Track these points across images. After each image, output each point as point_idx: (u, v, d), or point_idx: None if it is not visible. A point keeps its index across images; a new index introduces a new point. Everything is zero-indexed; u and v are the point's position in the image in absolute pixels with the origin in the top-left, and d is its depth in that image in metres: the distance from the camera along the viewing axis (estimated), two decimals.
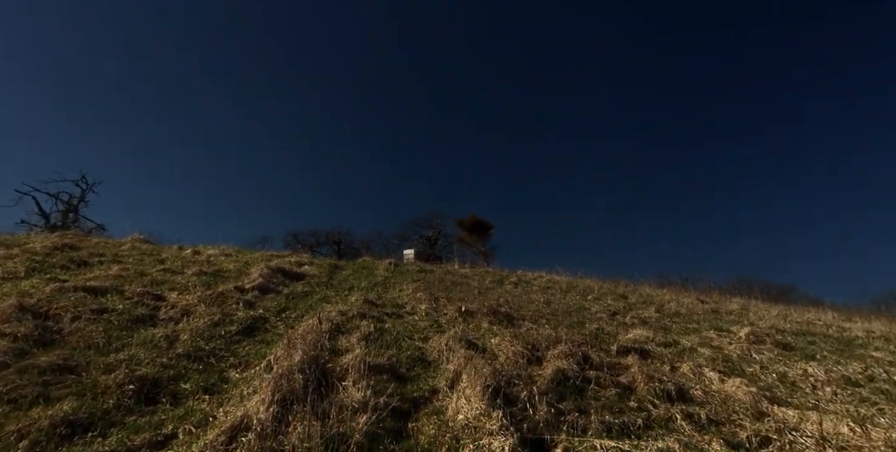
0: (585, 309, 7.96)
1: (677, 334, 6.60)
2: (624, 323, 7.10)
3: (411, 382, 3.98)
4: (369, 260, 11.06)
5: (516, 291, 8.97)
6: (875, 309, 12.83)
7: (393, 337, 4.99)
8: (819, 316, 10.07)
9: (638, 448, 3.04)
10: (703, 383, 4.56)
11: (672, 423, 3.56)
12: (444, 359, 4.43)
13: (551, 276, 11.82)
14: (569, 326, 6.31)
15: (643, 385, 4.24)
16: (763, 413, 3.87)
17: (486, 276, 10.62)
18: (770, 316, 8.86)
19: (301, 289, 7.03)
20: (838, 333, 8.12)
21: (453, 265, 12.87)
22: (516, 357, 4.71)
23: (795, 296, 18.24)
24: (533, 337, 5.31)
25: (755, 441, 3.30)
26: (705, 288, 12.72)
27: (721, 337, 6.64)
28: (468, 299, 7.13)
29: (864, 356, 6.32)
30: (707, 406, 3.96)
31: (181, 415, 3.19)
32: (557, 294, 9.27)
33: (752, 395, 4.19)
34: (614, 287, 11.16)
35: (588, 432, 3.26)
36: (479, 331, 5.56)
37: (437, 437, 3.02)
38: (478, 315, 6.24)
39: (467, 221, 20.70)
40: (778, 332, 7.28)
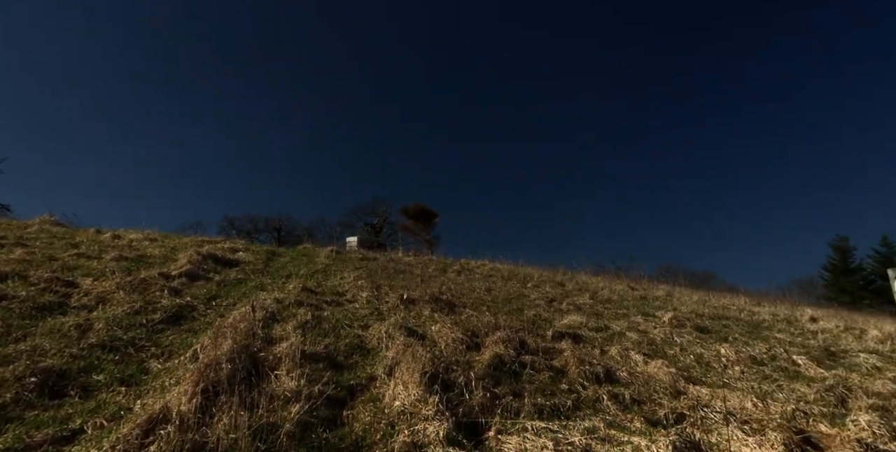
0: (525, 296, 8.18)
1: (608, 319, 6.94)
2: (560, 309, 7.36)
3: (349, 370, 3.92)
4: (310, 248, 10.73)
5: (459, 279, 9.06)
6: (781, 295, 14.21)
7: (332, 326, 4.88)
8: (733, 302, 10.99)
9: (566, 428, 3.16)
10: (629, 365, 4.83)
11: (599, 403, 3.74)
12: (384, 347, 4.39)
13: (494, 265, 12.05)
14: (508, 313, 6.46)
15: (574, 369, 4.42)
16: (680, 391, 4.16)
17: (429, 264, 10.64)
18: (691, 302, 9.54)
19: (234, 277, 6.70)
20: (749, 317, 8.90)
21: (397, 253, 12.78)
22: (456, 343, 4.76)
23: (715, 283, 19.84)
24: (473, 324, 5.38)
25: (672, 417, 3.54)
26: (636, 276, 13.48)
27: (647, 321, 7.06)
28: (411, 287, 7.10)
29: (768, 337, 6.97)
30: (631, 386, 4.20)
31: (91, 409, 2.95)
32: (499, 281, 9.46)
33: (672, 375, 4.49)
34: (553, 275, 11.55)
35: (521, 414, 3.35)
36: (421, 319, 5.56)
37: (373, 424, 2.99)
38: (420, 302, 6.23)
39: (412, 209, 20.60)
40: (697, 317, 7.86)
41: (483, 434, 3.02)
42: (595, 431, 3.17)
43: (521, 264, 12.74)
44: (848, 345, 7.17)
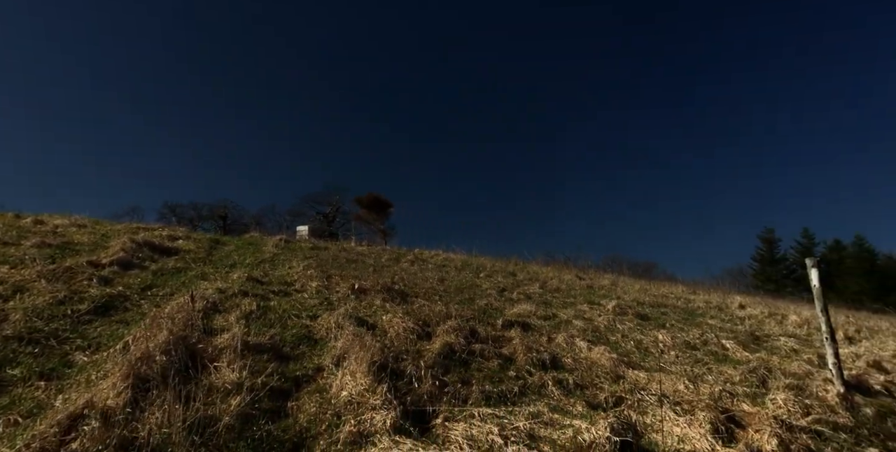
0: (477, 286, 8.27)
1: (556, 308, 7.14)
2: (511, 298, 7.50)
3: (295, 361, 3.82)
4: (257, 236, 10.33)
5: (412, 269, 9.03)
6: (714, 284, 15.19)
7: (278, 316, 4.73)
8: (672, 290, 11.62)
9: (512, 413, 3.23)
10: (574, 352, 5.00)
11: (544, 389, 3.85)
12: (333, 337, 4.31)
13: (448, 255, 12.09)
14: (460, 302, 6.51)
15: (522, 356, 4.52)
16: (620, 376, 4.35)
17: (382, 254, 10.53)
18: (633, 291, 10.00)
19: (173, 265, 6.34)
20: (685, 304, 9.45)
21: (350, 242, 12.57)
22: (407, 333, 4.74)
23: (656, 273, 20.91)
24: (425, 314, 5.38)
25: (611, 400, 3.70)
26: (584, 266, 13.97)
27: (593, 309, 7.33)
28: (362, 277, 7.00)
29: (702, 323, 7.43)
30: (575, 372, 4.35)
31: (5, 405, 2.71)
32: (452, 271, 9.51)
33: (613, 361, 4.69)
34: (505, 265, 11.75)
35: (469, 401, 3.39)
36: (372, 309, 5.50)
37: (318, 415, 2.93)
38: (371, 292, 6.16)
39: (366, 198, 20.25)
40: (639, 305, 8.25)
41: (430, 421, 3.04)
42: (539, 416, 3.26)
43: (475, 254, 12.87)
44: (771, 330, 7.77)
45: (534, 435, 2.93)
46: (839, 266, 32.36)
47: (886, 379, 5.22)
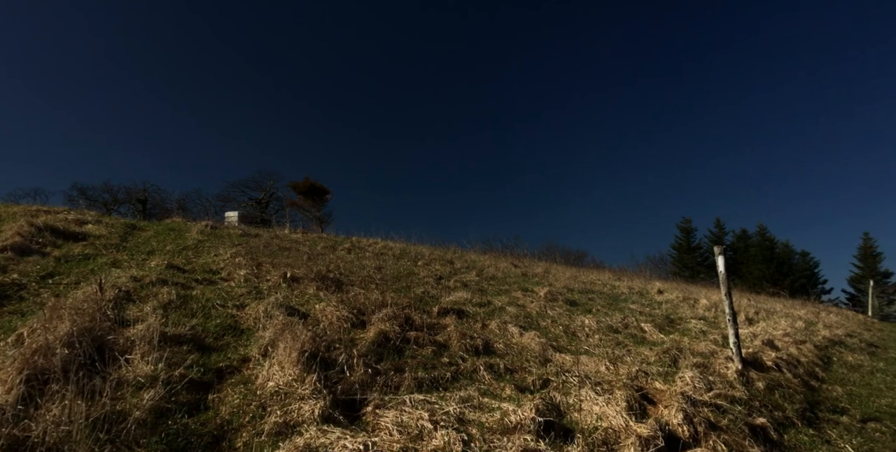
0: (415, 274, 8.28)
1: (492, 295, 7.32)
2: (448, 286, 7.58)
3: (218, 352, 3.63)
4: (180, 222, 9.67)
5: (349, 257, 8.87)
6: (637, 270, 16.28)
7: (201, 305, 4.46)
8: (599, 277, 12.30)
9: (444, 399, 3.28)
10: (506, 337, 5.15)
11: (476, 374, 3.94)
12: (261, 327, 4.14)
13: (386, 243, 12.00)
14: (397, 291, 6.48)
15: (456, 343, 4.59)
16: (548, 359, 4.55)
17: (318, 242, 10.25)
18: (565, 278, 10.47)
19: (80, 252, 5.78)
20: (610, 290, 10.04)
21: (283, 229, 12.10)
22: (341, 321, 4.66)
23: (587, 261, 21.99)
24: (360, 302, 5.31)
25: (539, 383, 3.86)
26: (519, 254, 14.41)
27: (526, 296, 7.59)
28: (296, 265, 6.77)
29: (624, 308, 7.93)
30: (507, 357, 4.49)
31: None
32: (390, 260, 9.45)
33: (542, 345, 4.89)
34: (444, 253, 11.85)
35: (401, 388, 3.40)
36: (305, 297, 5.35)
37: (242, 406, 2.81)
38: (304, 281, 5.98)
39: (302, 184, 19.48)
40: (569, 291, 8.65)
41: (361, 410, 3.01)
42: (470, 400, 3.33)
43: (414, 242, 12.87)
44: (684, 313, 8.44)
45: (463, 419, 2.99)
46: (745, 253, 35.78)
47: (777, 356, 5.86)
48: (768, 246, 35.50)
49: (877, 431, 4.28)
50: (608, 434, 3.02)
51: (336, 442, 2.42)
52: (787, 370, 5.48)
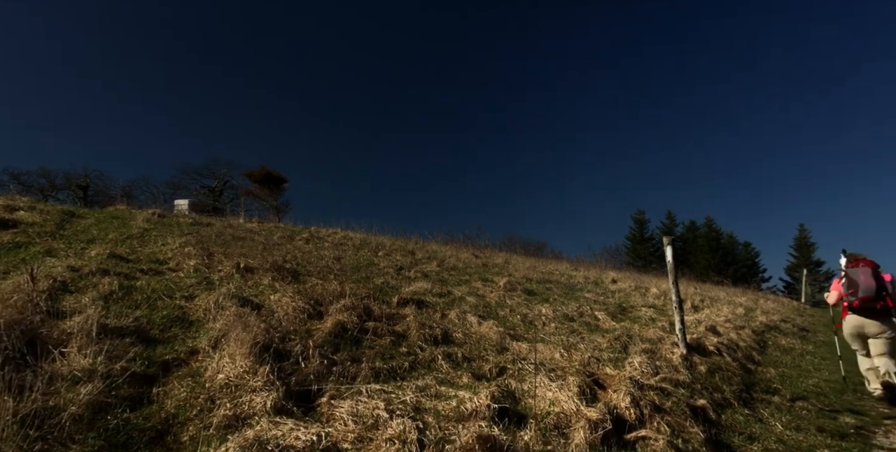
0: (375, 264, 8.21)
1: (452, 285, 7.36)
2: (408, 276, 7.56)
3: (165, 344, 3.48)
4: (124, 209, 9.14)
5: (307, 247, 8.67)
6: (594, 261, 16.81)
7: (146, 296, 4.25)
8: (557, 267, 12.61)
9: (401, 388, 3.28)
10: (465, 327, 5.20)
11: (434, 363, 3.96)
12: (211, 318, 3.99)
13: (346, 233, 11.81)
14: (356, 281, 6.40)
15: (415, 332, 4.59)
16: (505, 348, 4.63)
17: (274, 231, 9.96)
18: (524, 268, 10.66)
19: (9, 240, 5.37)
20: (567, 280, 10.31)
21: (238, 219, 11.68)
22: (296, 312, 4.56)
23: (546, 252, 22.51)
24: (318, 293, 5.21)
25: (495, 371, 3.93)
26: (480, 245, 14.54)
27: (486, 286, 7.68)
28: (250, 255, 6.56)
29: (580, 297, 8.17)
30: (465, 346, 4.53)
31: None
32: (350, 250, 9.32)
33: (500, 334, 4.97)
34: (405, 244, 11.80)
35: (357, 379, 3.37)
36: (259, 288, 5.19)
37: (189, 400, 2.71)
38: (259, 271, 5.80)
39: (257, 173, 18.75)
40: (527, 281, 8.82)
41: (316, 400, 2.97)
42: (427, 389, 3.35)
43: (375, 233, 12.74)
44: (635, 301, 8.80)
45: (420, 408, 3.00)
46: (693, 244, 37.69)
47: (719, 341, 6.22)
48: (714, 237, 37.54)
49: (804, 409, 4.63)
50: (560, 418, 3.11)
51: (289, 434, 2.37)
52: (727, 354, 5.82)
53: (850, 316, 5.50)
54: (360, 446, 2.44)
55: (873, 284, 5.27)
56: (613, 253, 36.61)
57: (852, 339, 5.58)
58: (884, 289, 5.30)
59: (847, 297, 5.46)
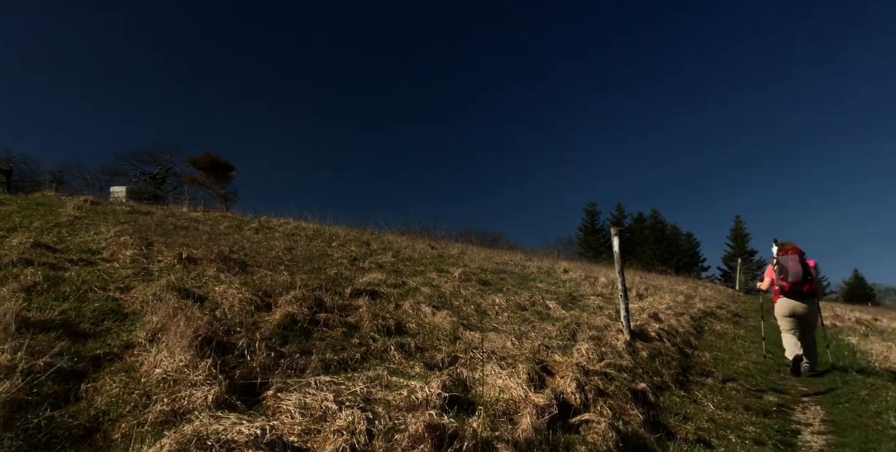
0: (328, 255, 8.05)
1: (407, 276, 7.33)
2: (362, 267, 7.47)
3: (96, 338, 3.27)
4: (51, 196, 8.47)
5: (256, 237, 8.37)
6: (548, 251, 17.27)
7: (75, 288, 3.97)
8: (512, 258, 12.85)
9: (351, 379, 3.23)
10: (419, 317, 5.20)
11: (387, 354, 3.94)
12: (149, 311, 3.78)
13: (299, 223, 11.50)
14: (308, 272, 6.26)
15: (368, 323, 4.55)
16: (458, 337, 4.67)
17: (221, 221, 9.54)
18: (479, 259, 10.78)
19: None
20: (521, 270, 10.53)
21: (182, 207, 11.10)
22: (243, 304, 4.40)
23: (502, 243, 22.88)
24: (267, 284, 5.05)
25: (447, 360, 3.95)
26: (437, 236, 14.58)
27: (441, 276, 7.70)
28: (194, 245, 6.26)
29: (532, 287, 8.36)
30: (418, 336, 4.53)
31: None
32: (302, 240, 9.08)
33: (453, 324, 5.01)
34: (360, 234, 11.64)
35: (307, 371, 3.30)
36: (203, 279, 4.97)
37: (122, 396, 2.56)
38: (203, 262, 5.55)
39: (202, 159, 17.79)
40: (482, 271, 8.92)
41: (262, 394, 2.88)
42: (378, 379, 3.33)
43: (329, 223, 12.48)
44: (585, 290, 9.12)
45: (370, 398, 2.97)
46: (640, 235, 39.49)
47: (660, 327, 6.55)
48: (660, 229, 39.47)
49: (733, 389, 4.97)
50: (509, 404, 3.18)
51: (231, 428, 2.28)
52: (667, 339, 6.14)
53: (781, 298, 6.07)
54: (306, 438, 2.39)
55: (801, 270, 5.84)
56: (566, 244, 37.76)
57: (782, 319, 6.13)
58: (809, 274, 5.89)
59: (778, 282, 6.02)
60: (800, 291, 5.89)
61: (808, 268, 5.93)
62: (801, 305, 5.93)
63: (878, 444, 3.54)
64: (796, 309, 5.95)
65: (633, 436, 3.08)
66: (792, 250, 6.05)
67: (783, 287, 5.97)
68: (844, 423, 4.15)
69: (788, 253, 6.03)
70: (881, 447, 3.48)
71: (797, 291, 5.90)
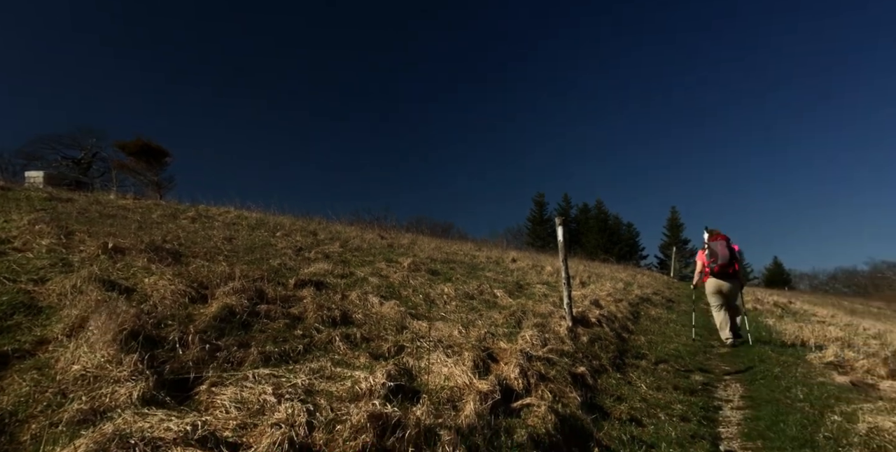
0: (272, 245, 7.76)
1: (355, 266, 7.21)
2: (308, 257, 7.27)
3: (4, 334, 2.98)
4: None
5: (193, 227, 7.92)
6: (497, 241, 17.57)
7: None
8: (461, 248, 12.95)
9: (293, 371, 3.15)
10: (366, 307, 5.13)
11: (332, 345, 3.86)
12: (68, 304, 3.49)
13: (241, 212, 11.00)
14: (249, 263, 6.01)
15: (313, 314, 4.43)
16: (405, 327, 4.65)
17: (154, 209, 8.95)
18: (429, 249, 10.79)
19: None
20: (470, 260, 10.64)
21: (109, 194, 10.30)
22: (176, 296, 4.15)
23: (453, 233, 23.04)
24: (203, 275, 4.80)
25: (394, 350, 3.93)
26: (387, 226, 14.44)
27: (390, 267, 7.63)
28: (122, 234, 5.84)
29: (481, 276, 8.48)
30: (364, 326, 4.47)
31: None
32: (244, 230, 8.70)
33: (401, 313, 4.98)
34: (307, 224, 11.31)
35: (244, 364, 3.18)
36: (131, 271, 4.64)
37: (34, 395, 2.35)
38: (132, 252, 5.19)
39: (132, 144, 16.48)
40: (432, 261, 8.93)
41: (194, 389, 2.74)
42: (321, 371, 3.26)
43: (274, 213, 12.03)
44: (532, 279, 9.35)
45: (312, 390, 2.91)
46: (585, 225, 41.10)
47: (600, 313, 6.84)
48: (603, 219, 41.24)
49: (664, 370, 5.28)
50: (454, 392, 3.21)
51: (158, 425, 2.15)
52: (606, 325, 6.43)
53: (710, 279, 6.95)
54: (242, 433, 2.30)
55: (727, 254, 6.74)
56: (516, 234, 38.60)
57: (711, 296, 7.04)
58: (734, 258, 6.78)
59: (709, 264, 6.91)
60: (726, 272, 6.77)
61: (733, 252, 6.75)
62: (726, 284, 6.81)
63: (787, 416, 3.89)
64: (723, 287, 6.83)
65: (570, 418, 3.20)
66: (720, 237, 6.86)
67: (713, 269, 6.80)
68: (759, 398, 4.53)
69: (717, 240, 6.83)
70: (788, 419, 3.82)
71: (724, 272, 6.77)
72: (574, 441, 3.05)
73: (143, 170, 16.64)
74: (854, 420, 3.64)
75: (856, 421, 3.61)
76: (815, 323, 10.25)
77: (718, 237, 6.88)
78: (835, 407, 4.00)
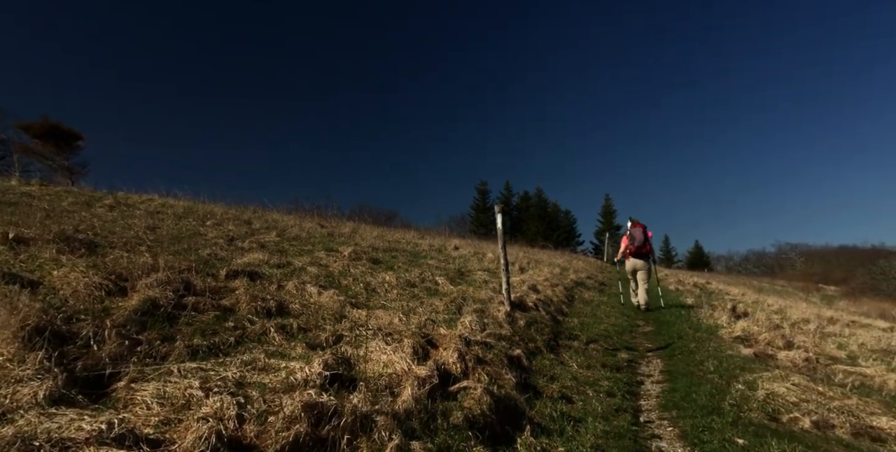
0: (201, 235, 7.34)
1: (292, 256, 6.99)
2: (242, 247, 6.95)
3: None
4: None
5: (110, 215, 7.32)
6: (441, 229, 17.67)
7: None
8: (404, 236, 12.91)
9: (222, 364, 3.03)
10: (303, 297, 5.00)
11: (265, 336, 3.74)
12: None
13: (166, 200, 10.29)
14: (175, 253, 5.65)
15: (246, 306, 4.26)
16: (345, 316, 4.59)
17: (64, 196, 8.16)
18: (371, 237, 10.67)
19: None
20: (413, 248, 10.64)
21: (10, 180, 9.27)
22: (90, 289, 3.84)
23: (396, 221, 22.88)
24: (122, 266, 4.46)
25: (332, 339, 3.87)
26: (327, 214, 14.08)
27: (330, 256, 7.47)
28: (25, 223, 5.29)
29: (423, 264, 8.51)
30: (302, 316, 4.36)
31: None
32: (169, 219, 8.16)
33: (340, 303, 4.91)
34: (241, 213, 10.80)
35: (169, 358, 3.01)
36: (37, 263, 4.24)
37: None
38: (38, 242, 4.73)
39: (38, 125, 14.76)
40: (373, 250, 8.84)
41: (111, 386, 2.57)
42: (253, 362, 3.16)
43: (204, 201, 11.36)
44: (473, 266, 9.52)
45: (243, 383, 2.81)
46: (526, 212, 42.29)
47: (537, 298, 7.11)
48: (543, 207, 42.61)
49: (595, 350, 5.60)
50: (392, 378, 3.23)
51: (68, 425, 2.01)
52: (542, 309, 6.70)
53: (629, 259, 8.88)
54: (165, 429, 2.20)
55: (642, 238, 8.68)
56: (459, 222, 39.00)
57: (628, 273, 9.04)
58: (647, 241, 8.71)
59: (629, 246, 8.78)
60: (640, 253, 8.70)
61: (646, 237, 8.66)
62: (640, 262, 8.74)
63: (699, 387, 4.27)
64: (637, 265, 8.77)
65: (505, 398, 3.33)
66: (638, 225, 8.76)
67: (630, 250, 8.72)
68: (677, 372, 4.93)
69: (636, 227, 8.74)
70: (700, 389, 4.20)
71: (639, 253, 8.71)
72: (508, 420, 3.17)
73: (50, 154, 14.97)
74: (754, 388, 4.06)
75: (756, 389, 4.03)
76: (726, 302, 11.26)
77: (637, 225, 8.75)
78: (739, 377, 4.44)
